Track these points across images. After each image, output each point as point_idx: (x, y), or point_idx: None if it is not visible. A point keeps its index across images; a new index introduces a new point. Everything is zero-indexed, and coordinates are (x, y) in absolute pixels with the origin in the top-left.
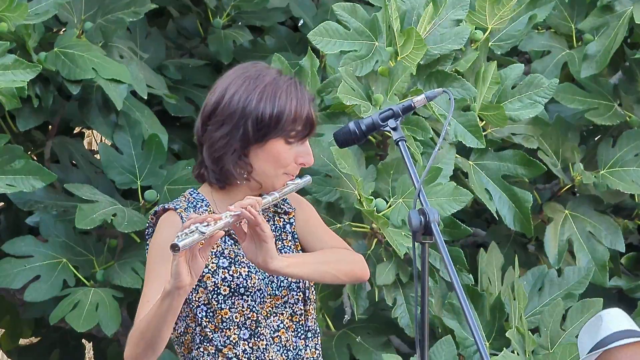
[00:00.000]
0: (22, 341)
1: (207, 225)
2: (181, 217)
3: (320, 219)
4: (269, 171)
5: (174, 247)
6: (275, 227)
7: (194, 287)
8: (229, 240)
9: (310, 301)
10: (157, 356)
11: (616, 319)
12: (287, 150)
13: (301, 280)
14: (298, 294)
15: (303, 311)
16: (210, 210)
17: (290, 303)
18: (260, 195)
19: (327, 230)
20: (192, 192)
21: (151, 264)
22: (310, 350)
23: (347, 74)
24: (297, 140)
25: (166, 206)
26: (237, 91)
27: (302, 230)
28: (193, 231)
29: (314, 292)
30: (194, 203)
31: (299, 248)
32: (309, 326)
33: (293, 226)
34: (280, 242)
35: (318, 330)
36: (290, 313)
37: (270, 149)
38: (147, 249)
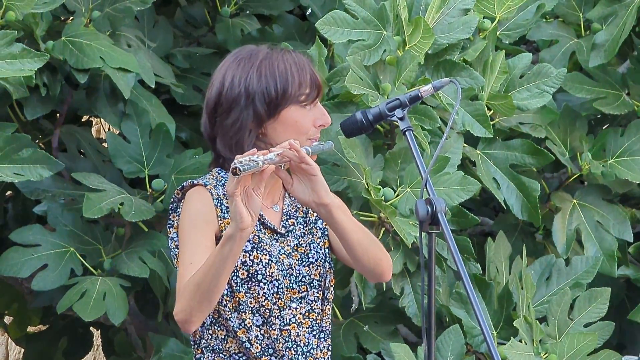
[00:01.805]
0: (30, 329)
1: (258, 156)
2: (211, 194)
3: (353, 219)
4: None
5: (235, 171)
6: (308, 221)
7: None
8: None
9: (328, 302)
10: (210, 310)
11: None
12: (303, 115)
13: (322, 278)
14: (318, 291)
15: (320, 310)
16: None
17: (309, 300)
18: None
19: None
20: (219, 171)
21: (186, 232)
22: (322, 350)
23: (355, 63)
24: (309, 103)
25: (195, 182)
26: (235, 75)
27: None
28: (247, 161)
29: (333, 291)
30: (222, 182)
31: (327, 245)
32: (323, 326)
33: (325, 222)
34: (310, 236)
35: (330, 332)
36: (308, 310)
37: (286, 119)
38: (171, 222)
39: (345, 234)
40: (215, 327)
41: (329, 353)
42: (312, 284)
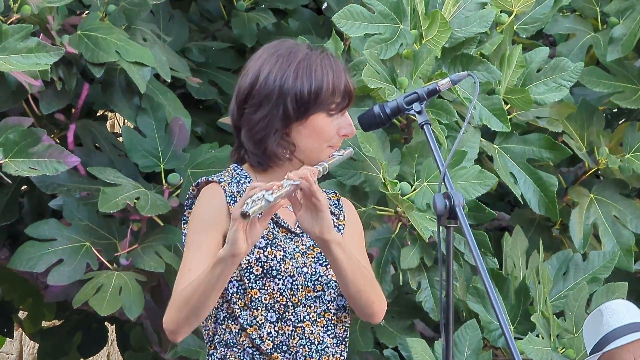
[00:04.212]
0: (45, 324)
1: (272, 193)
2: (224, 191)
3: (363, 243)
4: (314, 146)
5: (244, 215)
6: None
7: None
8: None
9: (345, 309)
10: (198, 323)
11: (617, 312)
12: (329, 123)
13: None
14: (335, 292)
15: (336, 311)
16: None
17: (325, 300)
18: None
19: (365, 258)
20: (235, 168)
21: (192, 234)
22: (335, 355)
23: (372, 57)
24: (338, 112)
25: (209, 178)
26: (272, 71)
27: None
28: (260, 198)
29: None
30: (237, 179)
31: None
32: (337, 332)
33: (340, 233)
34: None
35: (346, 339)
36: (324, 309)
37: (312, 124)
38: (185, 219)
39: (341, 271)
40: (229, 322)
41: (342, 358)
42: (329, 284)
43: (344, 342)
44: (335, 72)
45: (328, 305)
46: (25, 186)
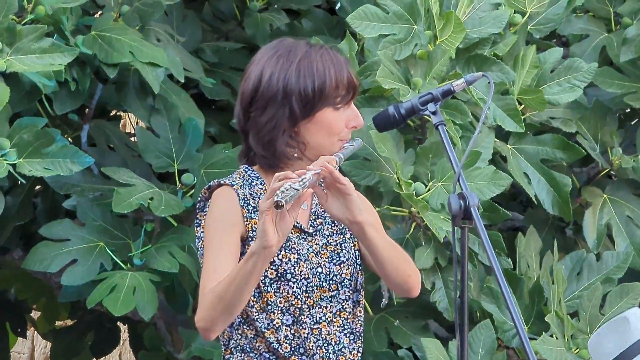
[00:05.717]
0: (57, 323)
1: (299, 183)
2: (237, 194)
3: (380, 222)
4: (325, 142)
5: (278, 205)
6: (338, 222)
7: None
8: None
9: (359, 304)
10: (231, 321)
11: None
12: (337, 117)
13: (353, 278)
14: (350, 291)
15: (351, 310)
16: (265, 189)
17: (340, 299)
18: None
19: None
20: (246, 170)
21: (211, 236)
22: (352, 352)
23: (386, 58)
24: (344, 104)
25: (221, 181)
26: (274, 72)
27: None
28: (288, 189)
29: (363, 294)
30: (249, 181)
31: (357, 247)
32: (353, 328)
33: (357, 238)
34: (341, 236)
35: (361, 334)
36: (339, 309)
37: (320, 120)
38: (199, 221)
39: (377, 251)
40: (244, 327)
41: (359, 355)
42: (342, 283)
43: (360, 337)
44: (337, 66)
45: (343, 304)
46: (39, 186)
